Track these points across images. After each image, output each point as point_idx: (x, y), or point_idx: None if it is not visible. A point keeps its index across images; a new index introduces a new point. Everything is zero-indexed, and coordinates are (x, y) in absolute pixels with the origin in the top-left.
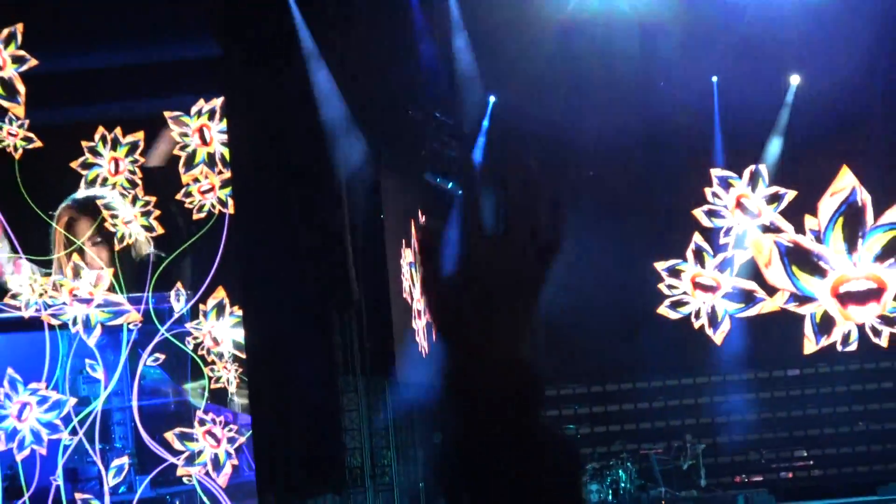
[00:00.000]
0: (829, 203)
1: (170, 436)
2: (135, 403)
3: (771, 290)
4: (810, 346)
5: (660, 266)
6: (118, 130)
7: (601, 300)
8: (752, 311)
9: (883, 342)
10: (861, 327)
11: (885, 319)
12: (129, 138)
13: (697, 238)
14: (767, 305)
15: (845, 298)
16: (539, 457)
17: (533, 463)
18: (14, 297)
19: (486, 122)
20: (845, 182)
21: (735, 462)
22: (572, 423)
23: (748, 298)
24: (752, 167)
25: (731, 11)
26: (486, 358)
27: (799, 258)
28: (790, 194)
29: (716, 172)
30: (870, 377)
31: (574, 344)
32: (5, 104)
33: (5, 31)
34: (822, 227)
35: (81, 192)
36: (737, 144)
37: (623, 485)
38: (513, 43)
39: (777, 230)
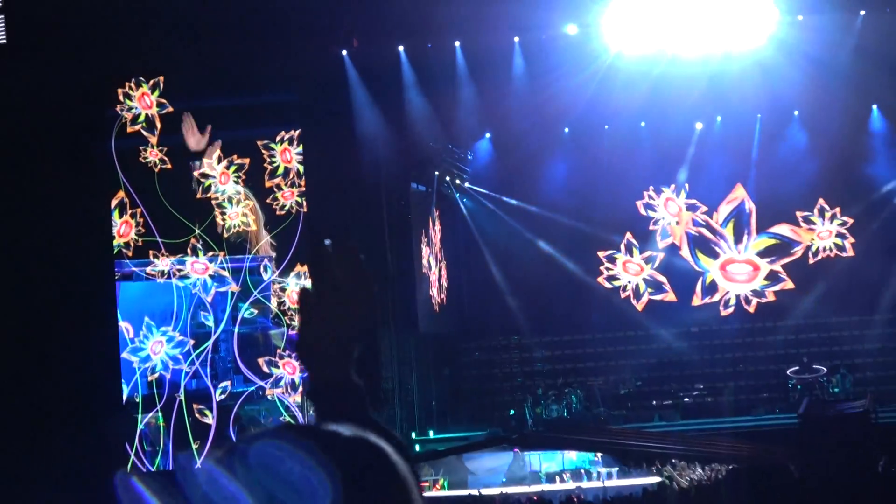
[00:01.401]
0: (725, 208)
1: (261, 362)
2: (235, 344)
3: (682, 283)
4: (697, 300)
5: (602, 254)
6: (222, 156)
7: (562, 276)
8: (660, 297)
9: (751, 309)
10: (738, 296)
11: (755, 293)
12: (236, 161)
13: (629, 236)
14: (670, 296)
15: (729, 274)
16: None
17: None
18: (153, 266)
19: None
20: (738, 194)
21: (654, 391)
22: (539, 363)
23: (659, 287)
24: (675, 183)
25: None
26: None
27: (700, 243)
28: (700, 204)
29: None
30: (744, 333)
31: (542, 307)
32: (146, 134)
33: (152, 81)
34: (720, 223)
35: (201, 194)
36: (665, 166)
37: (574, 406)
38: (499, 96)
39: (688, 223)
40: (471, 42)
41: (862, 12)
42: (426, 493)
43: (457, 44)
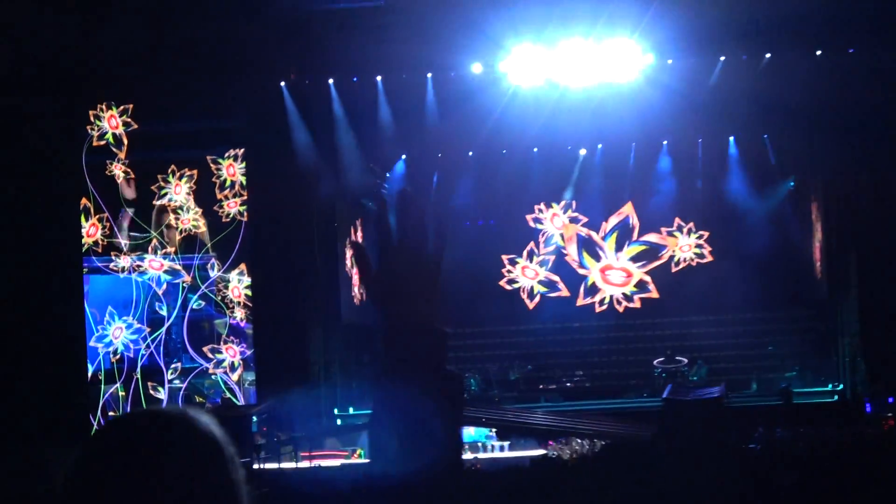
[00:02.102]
0: (613, 220)
1: (206, 350)
2: (185, 330)
3: (570, 285)
4: (580, 300)
5: (505, 257)
6: (176, 169)
7: (467, 277)
8: (554, 294)
9: (620, 309)
10: (612, 297)
11: (626, 296)
12: (188, 173)
13: (531, 245)
14: (563, 293)
15: (607, 278)
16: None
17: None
18: (115, 262)
19: (400, 170)
20: (626, 210)
21: (540, 376)
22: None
23: (553, 286)
24: (563, 200)
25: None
26: (401, 318)
27: (588, 246)
28: (582, 217)
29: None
30: (618, 329)
31: (449, 303)
32: (115, 150)
33: (122, 107)
34: (605, 234)
35: (158, 202)
36: (554, 186)
37: (473, 388)
38: (414, 124)
39: (574, 234)
40: (391, 77)
41: (722, 57)
42: (348, 461)
43: (378, 78)
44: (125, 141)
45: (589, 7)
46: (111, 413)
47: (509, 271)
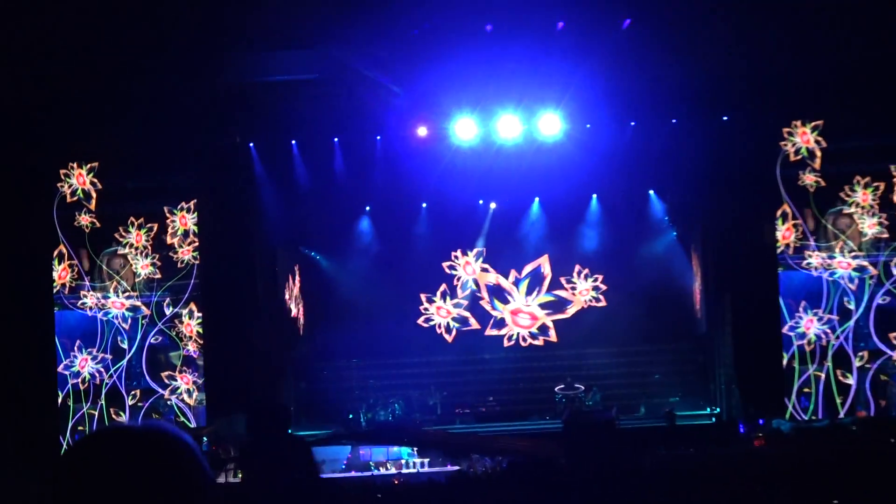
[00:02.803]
0: (527, 268)
1: (164, 375)
2: (144, 361)
3: (482, 321)
4: (488, 331)
5: (423, 296)
6: (136, 220)
7: (392, 315)
8: (466, 328)
9: (525, 343)
10: (518, 334)
11: (532, 335)
12: (148, 226)
13: (444, 287)
14: (475, 325)
15: (515, 319)
16: None
17: None
18: (83, 301)
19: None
20: (541, 261)
21: (456, 401)
22: (371, 380)
23: (465, 322)
24: (476, 248)
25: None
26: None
27: (497, 293)
28: (490, 268)
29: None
30: (524, 360)
31: (376, 338)
32: (84, 204)
33: (88, 165)
34: (518, 279)
35: (121, 249)
36: (470, 235)
37: (397, 412)
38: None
39: (486, 280)
40: (328, 141)
41: (632, 122)
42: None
43: (293, 142)
44: (93, 195)
45: (519, 82)
46: (78, 435)
47: (426, 309)
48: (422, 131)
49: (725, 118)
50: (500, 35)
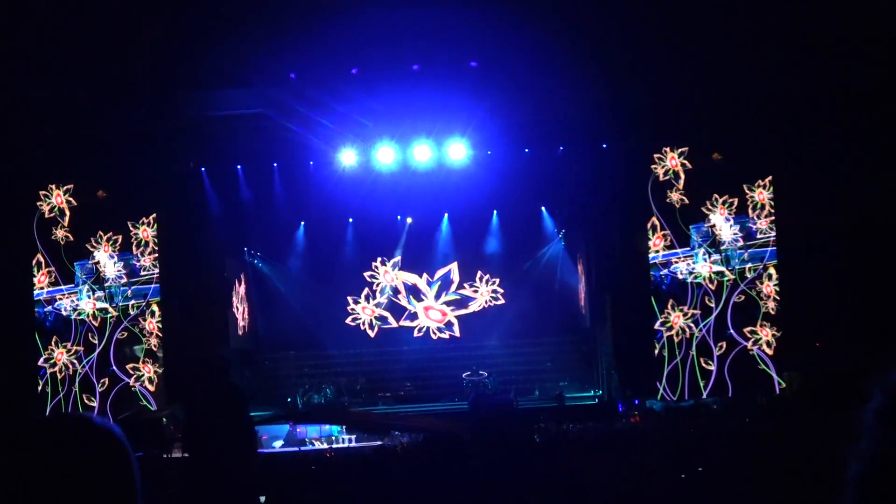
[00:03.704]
0: (438, 273)
1: (129, 366)
2: (112, 354)
3: (398, 317)
4: (401, 322)
5: (350, 298)
6: (105, 233)
7: (323, 314)
8: (387, 327)
9: (434, 337)
10: (429, 328)
11: (440, 329)
12: (114, 237)
13: (367, 289)
14: (393, 325)
15: (427, 315)
16: None
17: None
18: (59, 303)
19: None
20: (451, 267)
21: (379, 386)
22: (306, 368)
23: (385, 320)
24: (397, 258)
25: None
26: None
27: (413, 291)
28: (407, 273)
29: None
30: (436, 350)
31: (310, 333)
32: (59, 220)
33: (65, 187)
34: (432, 281)
35: (91, 259)
36: (387, 247)
37: (328, 396)
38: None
39: (403, 282)
40: (268, 165)
41: (526, 150)
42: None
43: (239, 167)
44: (67, 213)
45: (430, 115)
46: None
47: (353, 309)
48: (347, 157)
49: (604, 145)
50: (416, 75)
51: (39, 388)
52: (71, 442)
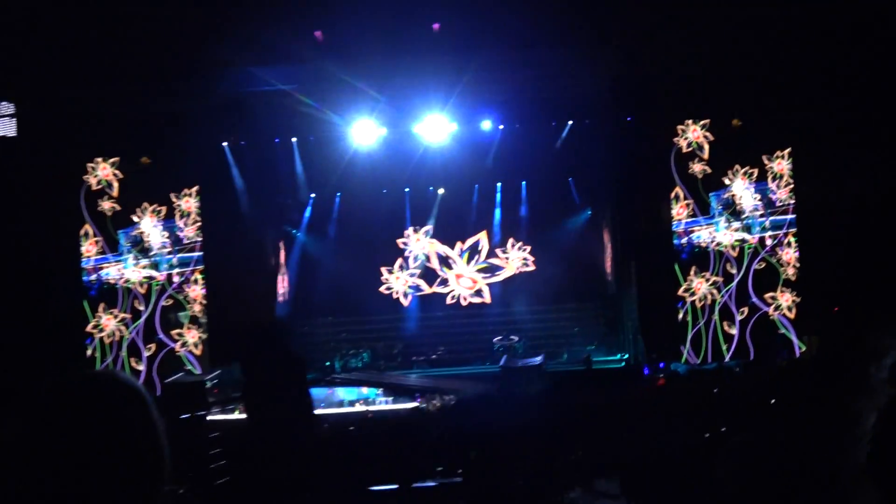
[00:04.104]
0: (469, 241)
1: (173, 333)
2: (157, 320)
3: (431, 283)
4: (433, 288)
5: (384, 269)
6: (150, 205)
7: (358, 282)
8: (419, 294)
9: (465, 303)
10: (459, 295)
11: (472, 294)
12: (159, 208)
13: (399, 260)
14: (427, 291)
15: (458, 282)
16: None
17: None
18: (106, 272)
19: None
20: (480, 236)
21: (413, 351)
22: (344, 333)
23: (418, 288)
24: (428, 226)
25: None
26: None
27: (444, 260)
28: (437, 241)
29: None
30: (468, 315)
31: (346, 301)
32: (107, 191)
33: (111, 160)
34: (463, 250)
35: (137, 228)
36: (420, 216)
37: (365, 360)
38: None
39: (435, 251)
40: (305, 139)
41: (553, 123)
42: None
43: (294, 140)
44: (114, 184)
45: (445, 87)
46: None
47: (386, 279)
48: (380, 131)
49: (629, 119)
50: (447, 51)
51: (88, 353)
52: (95, 397)
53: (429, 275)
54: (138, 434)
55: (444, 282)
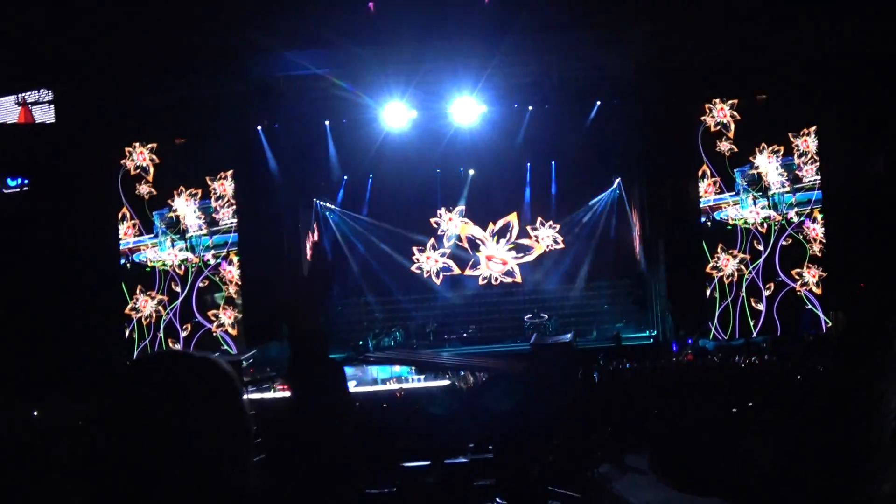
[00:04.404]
0: (500, 223)
1: (211, 313)
2: (194, 301)
3: (461, 265)
4: (467, 271)
5: (415, 248)
6: (186, 189)
7: (391, 261)
8: (449, 273)
9: (496, 283)
10: (490, 275)
11: (503, 274)
12: (195, 192)
13: (432, 240)
14: (457, 271)
15: (489, 263)
16: None
17: None
18: (142, 254)
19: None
20: (510, 217)
21: (445, 329)
22: (377, 313)
23: (448, 268)
24: (461, 206)
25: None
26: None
27: (473, 242)
28: (469, 221)
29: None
30: (498, 294)
31: (379, 280)
32: (144, 175)
33: (149, 145)
34: (494, 232)
35: (173, 212)
36: (452, 196)
37: (398, 338)
38: (356, 151)
39: (468, 233)
40: (338, 122)
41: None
42: None
43: (327, 123)
44: (151, 169)
45: (475, 70)
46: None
47: (417, 259)
48: (411, 114)
49: (657, 98)
50: (481, 42)
51: (126, 333)
52: (177, 375)
53: (461, 256)
54: (232, 413)
55: (476, 264)
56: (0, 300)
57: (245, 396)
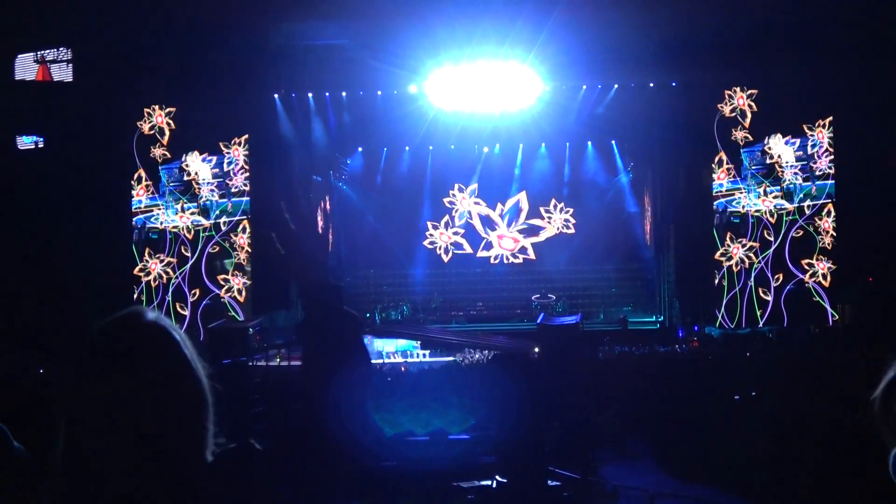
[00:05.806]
0: (509, 202)
1: (220, 278)
2: (203, 266)
3: (474, 244)
4: (479, 253)
5: (429, 223)
6: (200, 153)
7: (401, 236)
8: (460, 252)
9: (509, 262)
10: (502, 255)
11: (513, 255)
12: (209, 157)
13: (446, 217)
14: (468, 249)
15: (500, 242)
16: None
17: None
18: (154, 216)
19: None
20: (520, 198)
21: (452, 305)
22: (385, 286)
23: (459, 246)
24: (473, 185)
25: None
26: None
27: (487, 221)
28: (481, 201)
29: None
30: (507, 274)
31: (388, 254)
32: (158, 137)
33: (167, 109)
34: (505, 212)
35: (186, 176)
36: (465, 175)
37: (405, 312)
38: (364, 126)
39: (478, 212)
40: (352, 93)
41: (599, 85)
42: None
43: (343, 94)
44: (166, 132)
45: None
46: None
47: (430, 234)
48: (412, 89)
49: (674, 83)
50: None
51: (135, 296)
52: (123, 342)
53: (473, 235)
54: (170, 372)
55: (489, 245)
56: (11, 257)
57: (200, 364)
